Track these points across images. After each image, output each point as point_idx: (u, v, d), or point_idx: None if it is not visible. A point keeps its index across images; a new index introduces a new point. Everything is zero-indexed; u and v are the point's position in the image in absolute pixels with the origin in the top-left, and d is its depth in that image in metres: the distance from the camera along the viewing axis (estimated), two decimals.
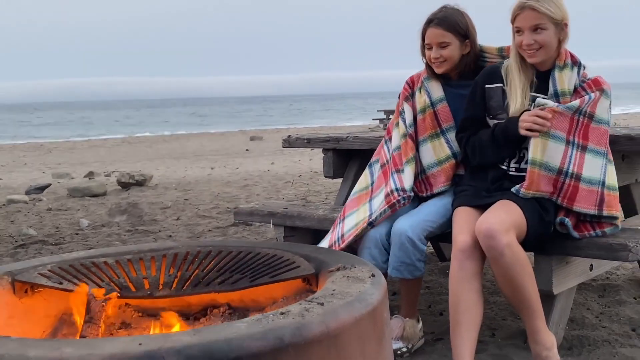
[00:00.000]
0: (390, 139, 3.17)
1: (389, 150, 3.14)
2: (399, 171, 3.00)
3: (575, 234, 2.65)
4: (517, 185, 2.61)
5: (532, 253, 2.79)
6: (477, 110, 2.85)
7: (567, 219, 2.63)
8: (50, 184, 10.23)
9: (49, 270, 1.90)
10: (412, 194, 2.92)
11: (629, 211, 3.51)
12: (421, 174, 3.02)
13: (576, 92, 2.66)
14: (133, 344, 1.23)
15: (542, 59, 2.65)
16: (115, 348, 1.22)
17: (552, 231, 2.67)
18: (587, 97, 2.63)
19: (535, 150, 2.59)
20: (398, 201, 2.86)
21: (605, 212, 2.61)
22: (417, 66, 3.11)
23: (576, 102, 2.62)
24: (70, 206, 7.85)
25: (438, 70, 2.97)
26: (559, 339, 2.85)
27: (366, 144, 3.73)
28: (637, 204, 3.47)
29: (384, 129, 3.28)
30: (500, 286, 2.49)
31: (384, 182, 3.03)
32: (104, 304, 1.84)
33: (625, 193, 3.46)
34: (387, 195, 2.90)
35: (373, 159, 3.26)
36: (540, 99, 2.66)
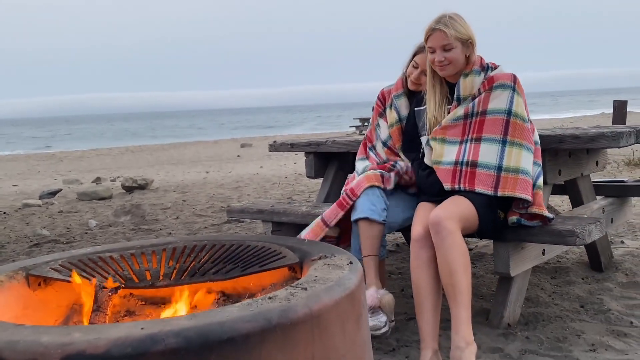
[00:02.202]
0: (374, 146, 3.21)
1: (376, 157, 3.18)
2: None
3: (532, 223, 2.68)
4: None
5: (492, 241, 2.81)
6: (414, 130, 2.93)
7: (522, 219, 2.67)
8: (61, 189, 10.14)
9: (59, 265, 1.88)
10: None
11: (576, 201, 3.55)
12: None
13: (479, 93, 2.71)
14: (136, 328, 1.22)
15: (451, 72, 2.70)
16: (120, 332, 1.20)
17: (503, 217, 2.69)
18: (470, 104, 2.69)
19: (435, 154, 2.72)
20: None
21: (499, 193, 2.55)
22: (382, 79, 3.15)
23: (461, 112, 2.70)
24: (80, 209, 7.78)
25: (412, 88, 3.04)
26: (517, 315, 2.87)
27: (343, 147, 3.74)
28: (583, 195, 3.51)
29: (360, 134, 3.32)
30: (440, 271, 2.41)
31: None
32: (110, 294, 1.82)
33: (572, 186, 3.50)
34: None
35: (359, 156, 3.26)
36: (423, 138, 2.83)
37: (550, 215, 2.69)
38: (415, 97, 3.01)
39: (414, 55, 3.00)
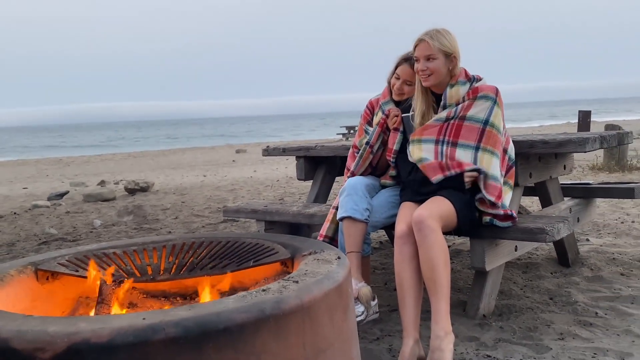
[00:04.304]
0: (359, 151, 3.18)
1: None
2: None
3: (504, 224, 2.68)
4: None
5: (468, 238, 2.81)
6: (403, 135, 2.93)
7: (494, 220, 2.67)
8: (68, 191, 10.07)
9: (66, 260, 1.86)
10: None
11: (545, 202, 3.56)
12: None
13: (463, 101, 2.71)
14: (138, 318, 1.21)
15: (433, 82, 2.69)
16: (123, 322, 1.19)
17: (478, 216, 2.68)
18: (454, 109, 2.69)
19: (412, 153, 2.72)
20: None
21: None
22: (362, 89, 3.13)
23: (444, 114, 2.70)
24: (86, 209, 7.72)
25: (396, 98, 3.02)
26: (491, 307, 2.87)
27: (331, 152, 3.74)
28: (552, 196, 3.52)
29: (347, 141, 3.31)
30: (422, 267, 2.40)
31: None
32: (113, 287, 1.80)
33: (542, 187, 3.51)
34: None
35: (348, 165, 3.23)
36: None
37: (510, 212, 2.69)
38: (401, 105, 3.00)
39: (396, 67, 2.99)
